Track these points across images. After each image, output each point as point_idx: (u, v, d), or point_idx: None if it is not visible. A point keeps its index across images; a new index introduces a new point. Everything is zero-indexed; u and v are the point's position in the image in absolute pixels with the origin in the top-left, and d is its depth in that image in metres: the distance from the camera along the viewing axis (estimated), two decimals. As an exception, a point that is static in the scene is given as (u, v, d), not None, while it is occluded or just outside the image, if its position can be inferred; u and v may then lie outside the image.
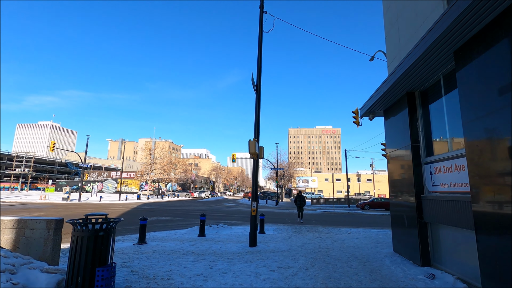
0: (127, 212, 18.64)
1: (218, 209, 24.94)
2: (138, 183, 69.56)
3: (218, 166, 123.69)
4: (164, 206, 27.29)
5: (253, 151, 7.91)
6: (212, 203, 36.13)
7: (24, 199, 35.67)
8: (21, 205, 25.26)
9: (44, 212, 17.99)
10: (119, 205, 26.68)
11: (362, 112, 8.64)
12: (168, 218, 15.17)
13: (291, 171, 56.76)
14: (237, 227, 12.11)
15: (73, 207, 23.45)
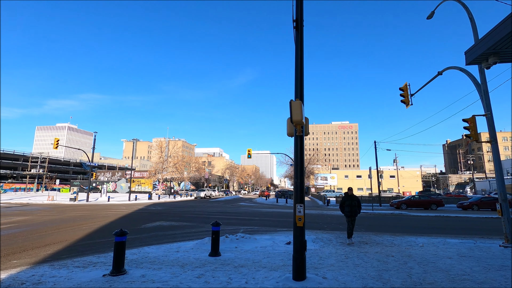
0: (126, 216, 15.81)
1: (234, 210, 21.84)
2: (151, 182, 67.77)
3: (232, 164, 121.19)
4: (173, 206, 24.47)
5: (298, 118, 4.68)
6: (226, 203, 33.14)
7: (32, 200, 33.87)
8: (18, 207, 23.10)
9: (27, 216, 15.38)
10: (123, 206, 24.07)
11: (474, 55, 5.21)
12: (173, 223, 12.18)
13: (310, 167, 53.11)
14: (263, 237, 8.93)
15: (71, 209, 20.96)
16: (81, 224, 11.55)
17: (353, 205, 8.49)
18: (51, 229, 10.12)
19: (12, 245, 7.46)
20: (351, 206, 8.49)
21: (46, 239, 8.31)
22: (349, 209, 8.49)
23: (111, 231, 9.97)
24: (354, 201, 8.54)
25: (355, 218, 8.57)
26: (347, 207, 8.54)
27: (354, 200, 8.56)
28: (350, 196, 8.66)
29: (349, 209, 8.49)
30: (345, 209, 8.60)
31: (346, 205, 8.56)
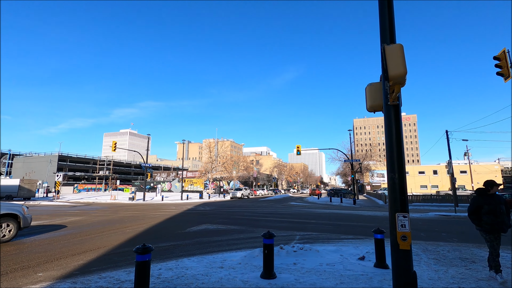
0: (173, 217, 15.19)
1: (285, 210, 20.16)
2: (202, 181, 69.70)
3: (280, 163, 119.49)
4: (221, 206, 23.74)
5: (399, 70, 2.82)
6: (276, 202, 31.61)
7: (98, 200, 36.63)
8: (81, 206, 24.68)
9: (81, 217, 15.69)
10: (173, 206, 24.09)
11: None
12: (219, 227, 10.99)
13: (365, 164, 48.77)
14: (326, 248, 7.11)
15: (125, 209, 21.47)
16: (127, 227, 11.02)
17: (500, 212, 4.66)
18: (95, 232, 9.65)
19: (49, 251, 6.87)
20: (496, 213, 4.65)
21: (84, 244, 7.66)
22: (492, 219, 4.64)
23: (154, 235, 9.10)
24: (500, 204, 4.73)
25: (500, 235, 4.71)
26: (489, 215, 4.66)
27: (500, 203, 4.76)
28: (491, 196, 4.83)
29: (494, 219, 4.63)
30: (483, 218, 4.73)
31: (487, 212, 4.69)
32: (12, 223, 8.20)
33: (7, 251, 6.91)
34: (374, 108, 3.80)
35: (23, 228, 8.57)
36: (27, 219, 8.66)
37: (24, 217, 8.53)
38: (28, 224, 8.69)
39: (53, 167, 78.97)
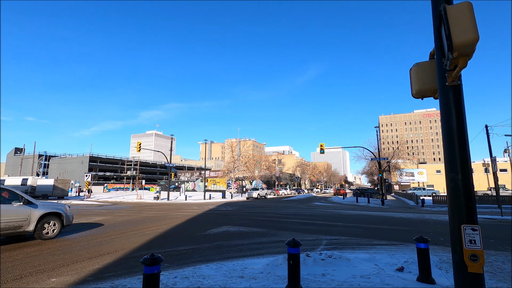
0: (194, 218, 14.94)
1: (309, 211, 19.36)
2: (225, 181, 70.09)
3: (303, 162, 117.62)
4: (243, 207, 23.34)
5: (469, 36, 2.11)
6: (300, 203, 30.76)
7: (125, 199, 37.74)
8: (108, 205, 25.34)
9: (105, 216, 15.89)
10: (196, 206, 24.03)
11: None
12: (241, 229, 10.51)
13: (393, 162, 46.36)
14: (358, 256, 6.37)
15: (149, 209, 21.68)
16: (147, 228, 10.86)
17: None
18: (115, 233, 9.53)
19: (67, 253, 6.72)
20: None
21: (103, 247, 7.47)
22: None
23: (173, 237, 8.78)
24: None
25: None
26: None
27: None
28: None
29: None
30: None
31: None
32: (56, 221, 8.70)
33: (27, 252, 6.85)
34: (423, 93, 3.09)
35: (65, 226, 9.09)
36: (69, 217, 9.19)
37: (67, 216, 9.05)
38: (70, 222, 9.21)
39: (84, 167, 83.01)
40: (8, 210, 7.61)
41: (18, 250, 7.09)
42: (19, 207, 7.91)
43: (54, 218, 8.67)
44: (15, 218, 7.73)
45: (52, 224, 8.59)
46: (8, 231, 7.63)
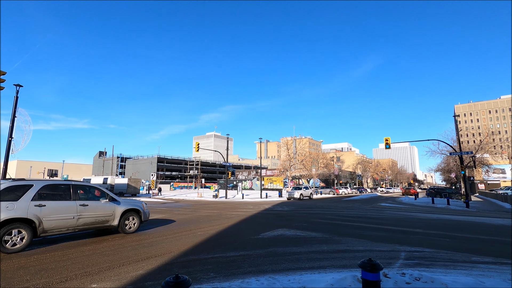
0: (249, 218, 14.27)
1: (376, 214, 17.15)
2: (281, 180, 69.31)
3: (364, 159, 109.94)
4: (300, 207, 22.02)
5: None
6: (363, 203, 28.06)
7: (187, 197, 39.79)
8: (170, 203, 26.63)
9: (163, 214, 16.26)
10: (251, 205, 23.56)
11: None
12: (298, 234, 9.37)
13: (478, 156, 39.38)
14: (457, 279, 4.71)
15: (206, 207, 21.94)
16: (200, 228, 10.51)
17: None
18: (167, 233, 9.33)
19: (117, 254, 6.53)
20: None
21: (152, 248, 7.16)
22: None
23: (224, 240, 8.10)
24: None
25: None
26: None
27: None
28: None
29: None
30: None
31: None
32: (136, 217, 9.39)
33: (82, 251, 6.88)
34: None
35: (143, 222, 9.71)
36: (146, 214, 9.81)
37: (144, 212, 9.67)
38: (147, 218, 9.82)
39: (153, 167, 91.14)
40: (98, 206, 8.43)
41: (76, 248, 7.19)
42: (106, 203, 8.67)
43: (133, 214, 9.34)
44: (103, 214, 8.53)
45: (132, 219, 9.29)
46: (98, 225, 8.46)
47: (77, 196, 8.10)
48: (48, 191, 7.60)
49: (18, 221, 6.88)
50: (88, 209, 8.16)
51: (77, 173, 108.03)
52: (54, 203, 7.54)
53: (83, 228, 8.09)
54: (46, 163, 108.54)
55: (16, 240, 6.77)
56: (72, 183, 8.25)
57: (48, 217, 7.33)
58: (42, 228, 7.22)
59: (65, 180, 8.41)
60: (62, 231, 7.67)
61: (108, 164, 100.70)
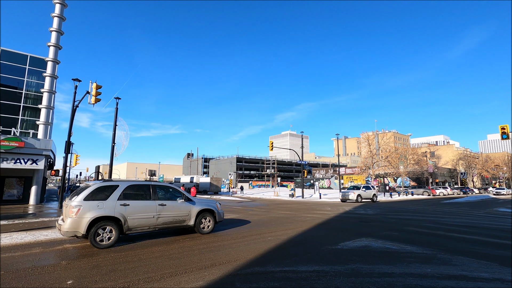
0: (326, 222, 12.82)
1: (494, 223, 13.40)
2: (363, 178, 63.87)
3: (468, 153, 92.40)
4: (388, 210, 19.18)
5: None
6: (471, 207, 22.89)
7: (264, 195, 40.18)
8: (246, 202, 26.92)
9: (237, 214, 16.10)
10: (329, 207, 21.75)
11: None
12: (387, 246, 7.63)
13: None
14: None
15: (280, 207, 21.19)
16: (271, 232, 9.74)
17: None
18: (237, 237, 8.84)
19: (182, 259, 6.26)
20: None
21: (218, 254, 6.69)
22: None
23: (296, 249, 7.07)
24: None
25: None
26: None
27: None
28: None
29: None
30: None
31: None
32: (210, 217, 9.37)
33: (152, 252, 6.88)
34: None
35: (218, 222, 9.66)
36: (220, 214, 9.75)
37: (218, 212, 9.63)
38: (221, 218, 9.77)
39: (233, 167, 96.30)
40: (175, 206, 8.59)
41: (148, 248, 7.28)
42: (182, 203, 8.78)
43: (208, 214, 9.31)
44: (180, 213, 8.66)
45: (208, 220, 9.26)
46: (175, 225, 8.62)
47: (156, 196, 8.36)
48: (131, 191, 7.99)
49: (107, 219, 7.37)
50: (166, 208, 8.36)
51: (170, 173, 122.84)
52: (136, 202, 7.91)
53: (162, 227, 8.32)
54: (147, 165, 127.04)
55: (106, 237, 7.23)
56: (152, 184, 8.56)
57: (132, 215, 7.68)
58: (127, 226, 7.59)
59: (145, 181, 8.79)
60: (144, 229, 7.99)
61: (194, 165, 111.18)
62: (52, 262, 6.03)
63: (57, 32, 27.33)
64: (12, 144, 20.96)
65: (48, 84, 26.61)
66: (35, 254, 6.68)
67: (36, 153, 22.10)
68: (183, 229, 9.77)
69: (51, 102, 27.00)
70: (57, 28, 27.31)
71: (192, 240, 8.30)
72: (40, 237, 8.72)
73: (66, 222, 7.00)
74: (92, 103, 15.56)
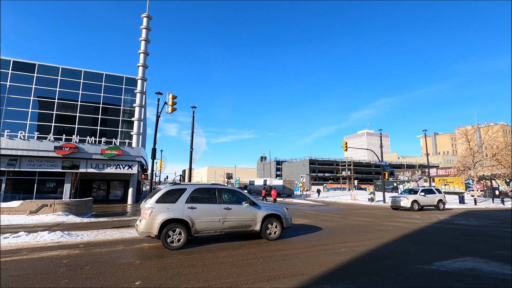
0: (413, 233, 10.87)
1: None
2: (461, 181, 54.28)
3: None
4: (498, 220, 15.40)
5: None
6: None
7: (340, 199, 37.88)
8: (320, 206, 25.50)
9: (309, 219, 15.16)
10: (417, 215, 18.74)
11: None
12: (506, 272, 5.77)
13: None
14: None
15: (358, 213, 19.23)
16: (345, 242, 8.64)
17: None
18: (305, 246, 8.10)
19: (245, 267, 5.90)
20: None
21: (283, 264, 6.12)
22: None
23: (375, 267, 5.91)
24: None
25: None
26: None
27: None
28: None
29: None
30: None
31: None
32: (277, 223, 8.95)
33: (217, 257, 6.75)
34: None
35: (285, 229, 9.16)
36: (288, 220, 9.22)
37: (285, 218, 9.14)
38: (289, 224, 9.22)
39: (305, 169, 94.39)
40: (240, 209, 8.47)
41: (214, 253, 7.20)
42: (247, 207, 8.62)
43: (275, 219, 8.93)
44: (245, 218, 8.51)
45: (274, 226, 8.88)
46: (241, 229, 8.48)
47: (221, 199, 8.37)
48: (198, 194, 8.17)
49: (176, 221, 7.65)
50: (232, 212, 8.28)
51: (245, 176, 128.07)
52: (203, 205, 8.04)
53: (228, 231, 8.26)
54: (225, 168, 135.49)
55: (176, 239, 7.51)
56: (217, 187, 8.62)
57: (199, 218, 7.83)
58: (195, 229, 7.76)
59: (211, 184, 8.90)
60: (210, 232, 8.05)
61: (267, 167, 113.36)
62: (128, 260, 6.46)
63: (144, 53, 31.35)
64: (113, 152, 24.72)
65: (139, 99, 30.66)
66: (117, 252, 7.33)
67: (131, 159, 25.59)
68: (250, 234, 9.56)
69: (141, 115, 31.01)
70: (144, 50, 31.34)
71: (258, 246, 7.95)
72: (125, 235, 9.69)
73: (141, 223, 7.50)
74: (169, 112, 17.04)
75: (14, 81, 28.19)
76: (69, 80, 30.03)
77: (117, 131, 31.00)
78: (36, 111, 28.58)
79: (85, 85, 30.53)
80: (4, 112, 27.41)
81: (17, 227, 11.59)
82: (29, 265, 6.02)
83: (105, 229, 11.22)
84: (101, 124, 30.46)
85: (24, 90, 28.40)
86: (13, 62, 28.47)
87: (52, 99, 29.17)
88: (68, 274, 5.36)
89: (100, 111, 30.64)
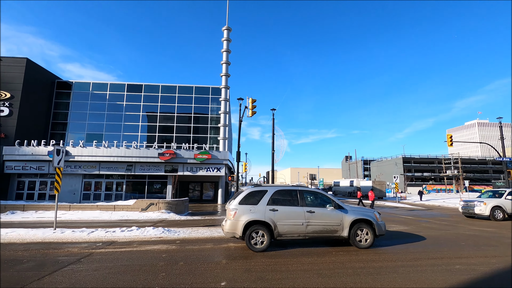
0: None
1: None
2: None
3: None
4: None
5: None
6: None
7: (446, 203, 32.44)
8: (419, 210, 22.01)
9: (404, 227, 13.17)
10: None
11: None
12: None
13: None
14: None
15: (473, 222, 15.74)
16: (459, 257, 7.02)
17: None
18: (403, 257, 6.90)
19: (332, 277, 5.35)
20: None
21: (376, 279, 5.29)
22: None
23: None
24: None
25: None
26: None
27: None
28: None
29: None
30: None
31: None
32: (368, 229, 8.04)
33: (302, 263, 6.36)
34: None
35: (378, 236, 8.16)
36: (381, 226, 8.17)
37: (378, 224, 8.15)
38: (382, 232, 8.15)
39: (398, 168, 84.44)
40: (324, 213, 7.95)
41: (299, 258, 6.86)
42: (332, 211, 8.04)
43: (365, 225, 8.04)
44: (330, 222, 7.93)
45: (365, 232, 8.01)
46: (326, 234, 7.93)
47: (304, 202, 8.01)
48: (279, 196, 8.02)
49: (259, 223, 7.67)
50: (315, 216, 7.84)
51: (329, 176, 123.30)
52: (284, 208, 7.84)
53: (312, 236, 7.82)
54: (308, 169, 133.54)
55: (259, 241, 7.52)
56: (299, 189, 8.29)
57: (281, 221, 7.67)
58: (277, 231, 7.63)
59: (292, 186, 8.62)
60: (294, 236, 7.77)
61: (353, 167, 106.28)
62: (216, 259, 6.73)
63: (226, 63, 33.64)
64: (204, 157, 27.21)
65: (223, 107, 33.03)
66: (207, 250, 7.77)
67: (218, 162, 27.69)
68: (336, 240, 8.83)
69: (226, 121, 33.30)
70: (226, 61, 33.63)
71: (347, 254, 7.21)
72: (214, 234, 10.30)
73: (226, 223, 7.77)
74: (249, 116, 17.62)
75: (128, 100, 34.29)
76: (167, 95, 34.73)
77: (206, 137, 34.11)
78: (145, 124, 34.09)
79: (179, 98, 34.78)
80: (123, 127, 33.61)
81: (132, 222, 13.83)
82: (137, 257, 6.92)
83: (198, 227, 12.23)
84: (193, 132, 34.10)
85: (135, 107, 34.23)
86: (127, 85, 34.69)
87: (155, 113, 34.26)
88: (165, 268, 5.89)
89: (192, 120, 34.36)
